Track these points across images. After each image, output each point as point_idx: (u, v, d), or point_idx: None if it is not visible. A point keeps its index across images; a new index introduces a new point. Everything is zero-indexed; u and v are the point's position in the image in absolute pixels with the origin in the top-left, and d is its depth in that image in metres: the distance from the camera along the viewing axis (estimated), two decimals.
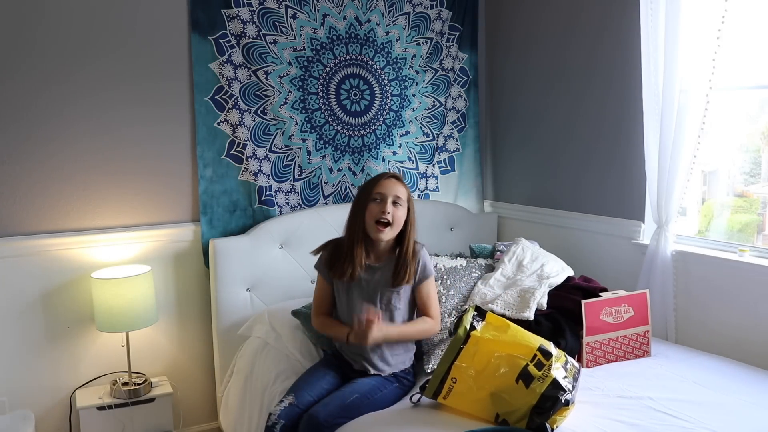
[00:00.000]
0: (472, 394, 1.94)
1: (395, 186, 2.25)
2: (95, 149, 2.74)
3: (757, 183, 2.71)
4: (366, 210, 2.24)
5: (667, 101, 2.53)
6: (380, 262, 2.31)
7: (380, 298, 2.27)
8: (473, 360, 1.96)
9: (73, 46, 2.65)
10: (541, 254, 2.78)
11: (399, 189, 2.25)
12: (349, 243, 2.26)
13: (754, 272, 2.41)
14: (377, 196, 2.23)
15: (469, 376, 1.94)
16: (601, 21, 2.90)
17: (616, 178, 2.90)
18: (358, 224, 2.26)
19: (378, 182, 2.26)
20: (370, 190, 2.25)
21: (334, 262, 2.29)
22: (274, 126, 3.04)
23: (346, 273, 2.24)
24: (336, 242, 2.34)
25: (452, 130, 3.52)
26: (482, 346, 1.97)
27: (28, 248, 2.64)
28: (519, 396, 1.87)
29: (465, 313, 2.07)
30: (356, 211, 2.28)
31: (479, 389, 1.93)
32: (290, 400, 2.10)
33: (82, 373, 2.80)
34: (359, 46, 3.19)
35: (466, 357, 1.97)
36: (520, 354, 1.94)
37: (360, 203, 2.27)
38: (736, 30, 2.38)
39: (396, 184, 2.26)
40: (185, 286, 2.97)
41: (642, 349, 2.42)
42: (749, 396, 2.04)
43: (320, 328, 2.37)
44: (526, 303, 2.44)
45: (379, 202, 2.23)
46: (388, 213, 2.21)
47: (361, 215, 2.25)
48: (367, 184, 2.30)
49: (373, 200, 2.23)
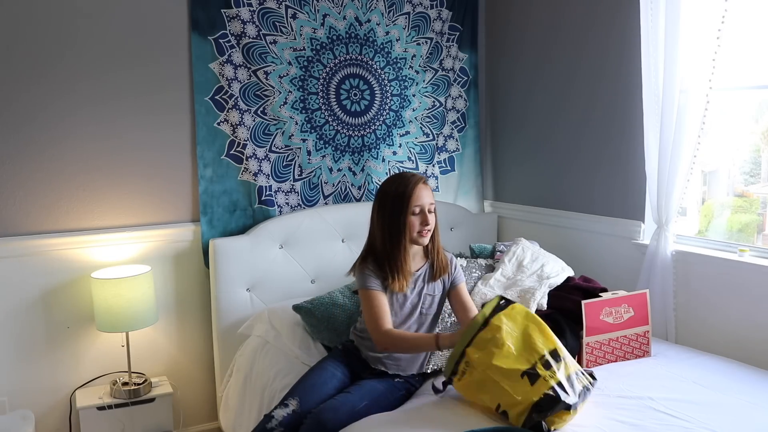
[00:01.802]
0: (478, 382, 1.93)
1: (428, 193, 2.22)
2: (96, 150, 2.74)
3: (757, 183, 2.71)
4: (406, 222, 2.19)
5: (667, 101, 2.53)
6: (418, 267, 2.30)
7: (423, 302, 2.28)
8: (486, 347, 1.95)
9: (73, 47, 2.65)
10: (541, 254, 2.79)
11: (430, 194, 2.23)
12: (397, 254, 2.20)
13: (754, 272, 2.41)
14: (416, 209, 2.19)
15: (481, 362, 1.93)
16: (601, 21, 2.90)
17: (616, 178, 2.90)
18: (401, 234, 2.19)
19: (413, 193, 2.18)
20: (408, 203, 2.18)
21: (386, 273, 2.21)
22: (274, 126, 3.04)
23: (402, 281, 2.20)
24: (373, 257, 2.25)
25: (452, 130, 3.52)
26: (497, 335, 1.96)
27: (29, 248, 2.64)
28: (522, 391, 1.87)
29: (490, 300, 2.06)
30: (395, 221, 2.19)
31: (485, 378, 1.92)
32: (294, 406, 2.04)
33: (82, 373, 2.80)
34: (359, 46, 3.19)
35: (480, 342, 1.95)
36: (532, 350, 1.94)
37: (397, 214, 2.19)
38: (736, 30, 2.38)
39: (426, 189, 2.22)
40: (185, 286, 2.97)
41: (642, 349, 2.42)
42: (749, 396, 2.04)
43: (393, 343, 2.14)
44: (526, 303, 2.45)
45: (420, 214, 2.20)
46: (429, 224, 2.20)
47: (402, 225, 2.19)
48: (401, 194, 2.19)
49: (413, 214, 2.19)
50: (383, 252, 2.22)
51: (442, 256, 2.31)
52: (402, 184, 2.21)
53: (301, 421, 2.00)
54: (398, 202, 2.19)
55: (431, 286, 2.30)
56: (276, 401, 2.24)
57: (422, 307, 2.28)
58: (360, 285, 2.22)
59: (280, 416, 2.01)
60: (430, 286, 2.30)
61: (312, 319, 2.57)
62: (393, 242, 2.20)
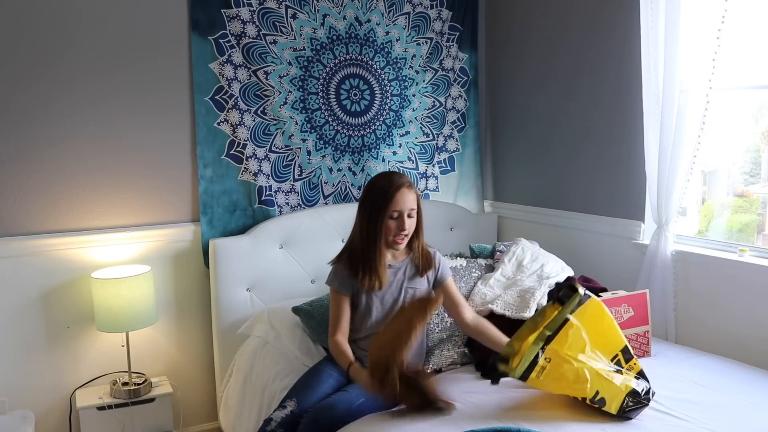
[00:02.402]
0: (567, 374, 1.91)
1: (409, 198, 2.20)
2: (96, 150, 2.74)
3: (757, 183, 2.71)
4: (383, 225, 2.19)
5: (667, 101, 2.53)
6: (398, 260, 2.31)
7: (405, 296, 2.28)
8: (572, 341, 1.95)
9: (74, 46, 2.65)
10: (541, 254, 2.79)
11: (412, 199, 2.21)
12: (371, 253, 2.20)
13: (754, 272, 2.41)
14: (394, 213, 2.18)
15: (568, 356, 1.92)
16: (601, 21, 2.90)
17: (617, 178, 2.90)
18: (377, 235, 2.19)
19: (393, 198, 2.17)
20: (387, 206, 2.17)
21: (357, 272, 2.22)
22: (274, 126, 3.04)
23: (374, 281, 2.20)
24: (348, 253, 2.28)
25: (452, 130, 3.52)
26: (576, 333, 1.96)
27: (29, 248, 2.64)
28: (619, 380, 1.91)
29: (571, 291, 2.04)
30: (372, 221, 2.19)
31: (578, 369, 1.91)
32: (291, 407, 2.06)
33: (82, 373, 2.80)
34: (359, 46, 3.19)
35: (564, 338, 1.94)
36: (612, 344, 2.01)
37: (375, 215, 2.18)
38: (736, 30, 2.38)
39: (408, 194, 2.20)
40: (185, 286, 2.97)
41: (642, 349, 2.42)
42: (749, 396, 2.04)
43: (333, 349, 2.23)
44: (526, 303, 2.44)
45: (397, 218, 2.19)
46: (406, 229, 2.20)
47: (379, 227, 2.19)
48: (382, 196, 2.19)
49: (391, 218, 2.19)
50: (359, 249, 2.23)
51: (426, 252, 2.31)
52: (385, 185, 2.21)
53: (300, 420, 2.01)
54: (378, 204, 2.19)
55: (414, 281, 2.30)
56: (276, 402, 2.26)
57: (404, 301, 2.26)
58: (328, 282, 2.28)
59: (279, 417, 2.03)
60: (413, 281, 2.30)
61: (311, 321, 2.57)
62: (368, 242, 2.21)
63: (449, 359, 2.40)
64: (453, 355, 2.41)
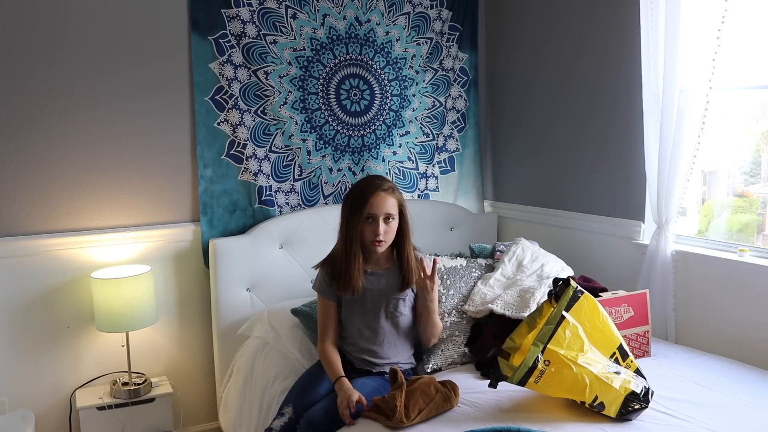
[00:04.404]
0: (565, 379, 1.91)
1: (385, 202, 2.14)
2: (96, 150, 2.74)
3: (757, 183, 2.71)
4: (357, 228, 2.15)
5: (667, 101, 2.53)
6: (382, 268, 2.27)
7: (387, 304, 2.24)
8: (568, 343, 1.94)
9: (74, 47, 2.65)
10: (541, 254, 2.79)
11: (389, 203, 2.15)
12: (347, 257, 2.17)
13: (754, 272, 2.41)
14: (369, 216, 2.14)
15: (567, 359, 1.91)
16: (601, 21, 2.90)
17: (616, 178, 2.90)
18: (352, 239, 2.16)
19: (368, 201, 2.13)
20: (361, 210, 2.13)
21: (336, 277, 2.20)
22: (274, 126, 3.04)
23: (349, 287, 2.17)
24: (332, 258, 2.26)
25: (452, 130, 3.52)
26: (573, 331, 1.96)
27: (29, 248, 2.64)
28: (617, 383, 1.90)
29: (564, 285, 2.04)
30: (349, 225, 2.16)
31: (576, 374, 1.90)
32: (289, 414, 2.06)
33: (82, 373, 2.80)
34: (359, 46, 3.19)
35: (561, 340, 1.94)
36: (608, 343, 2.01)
37: (352, 219, 2.16)
38: (736, 30, 2.38)
39: (385, 198, 2.14)
40: (185, 286, 2.97)
41: (642, 349, 2.42)
42: (749, 396, 2.04)
43: (321, 358, 2.23)
44: (526, 303, 2.44)
45: (371, 222, 2.14)
46: (381, 235, 2.14)
47: (355, 231, 2.15)
48: (357, 199, 2.15)
49: (366, 221, 2.15)
50: (340, 253, 2.21)
51: (413, 264, 2.24)
52: (364, 187, 2.18)
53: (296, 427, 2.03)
54: (354, 206, 2.16)
55: (400, 291, 2.25)
56: (276, 403, 2.28)
57: (388, 309, 2.24)
58: (314, 287, 2.30)
59: (278, 426, 2.04)
60: (399, 292, 2.25)
61: (310, 323, 2.56)
62: (346, 245, 2.18)
63: (449, 359, 2.40)
64: (453, 355, 2.41)
